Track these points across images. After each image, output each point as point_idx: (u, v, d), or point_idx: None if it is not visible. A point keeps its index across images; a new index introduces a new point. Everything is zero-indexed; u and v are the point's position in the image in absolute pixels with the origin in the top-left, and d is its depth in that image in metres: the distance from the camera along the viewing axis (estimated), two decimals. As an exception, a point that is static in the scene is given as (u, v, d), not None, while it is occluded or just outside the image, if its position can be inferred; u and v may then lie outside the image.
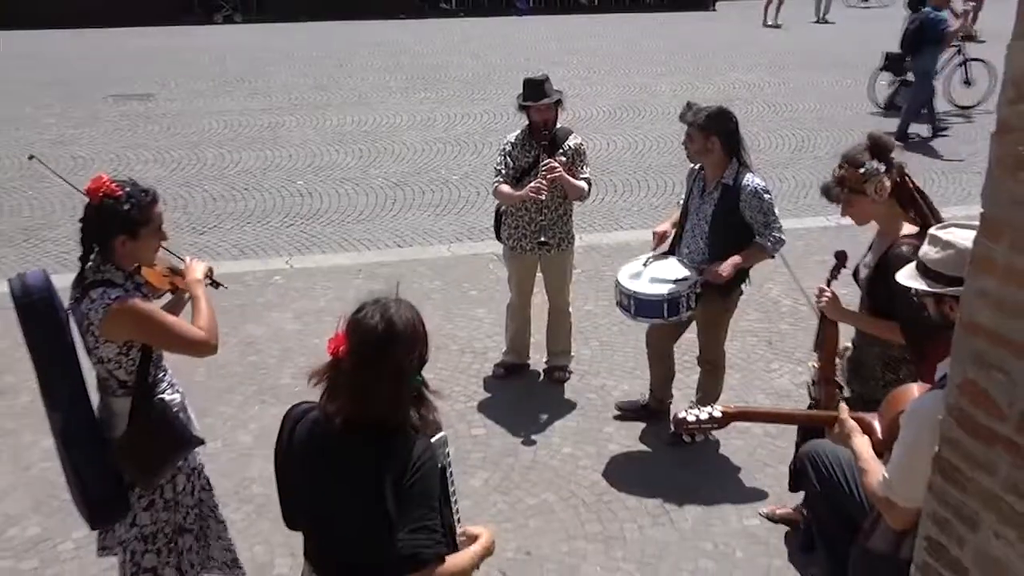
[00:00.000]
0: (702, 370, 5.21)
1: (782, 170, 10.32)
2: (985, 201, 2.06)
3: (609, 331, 6.41)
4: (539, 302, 5.88)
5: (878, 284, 3.75)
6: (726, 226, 4.76)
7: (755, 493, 4.73)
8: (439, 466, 2.47)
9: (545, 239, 5.41)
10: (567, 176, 5.26)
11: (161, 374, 3.35)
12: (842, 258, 4.08)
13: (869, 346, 3.92)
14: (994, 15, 12.78)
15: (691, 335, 5.21)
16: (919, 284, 2.90)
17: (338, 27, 21.39)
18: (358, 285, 6.97)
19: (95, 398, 3.29)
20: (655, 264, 4.96)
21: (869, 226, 3.95)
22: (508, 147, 5.44)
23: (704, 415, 3.30)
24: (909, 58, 12.03)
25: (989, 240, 2.05)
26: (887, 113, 12.64)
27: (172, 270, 3.55)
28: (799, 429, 4.28)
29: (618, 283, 4.89)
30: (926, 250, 2.92)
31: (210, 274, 3.61)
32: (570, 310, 5.83)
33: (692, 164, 5.04)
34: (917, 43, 11.69)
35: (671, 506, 4.63)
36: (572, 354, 5.94)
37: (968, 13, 12.71)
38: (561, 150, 5.36)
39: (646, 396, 5.42)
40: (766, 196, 4.73)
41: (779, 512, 4.54)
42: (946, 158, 11.06)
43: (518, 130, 5.51)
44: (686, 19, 23.84)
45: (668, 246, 5.12)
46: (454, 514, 2.59)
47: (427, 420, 2.44)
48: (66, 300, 3.23)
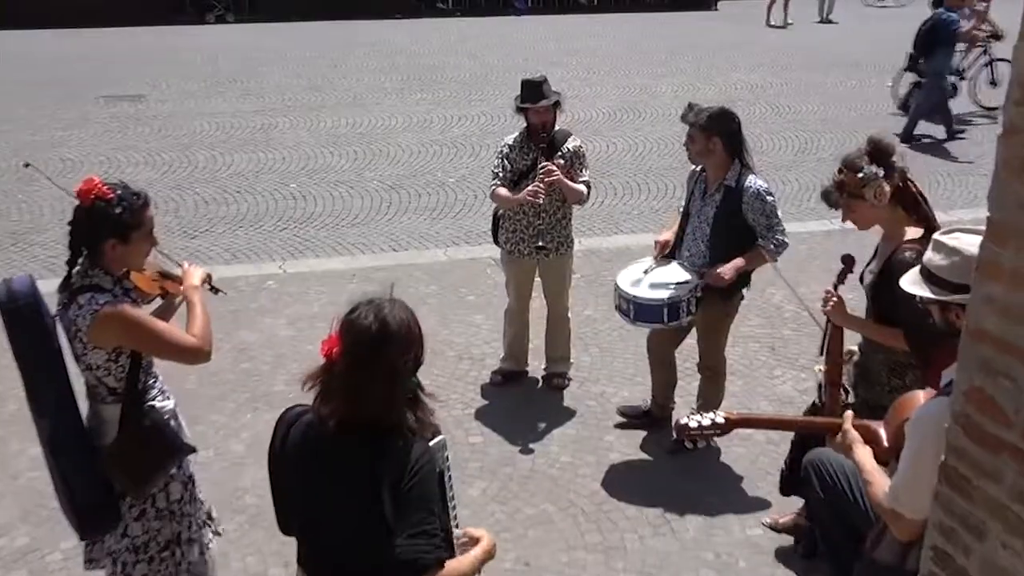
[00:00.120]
0: (703, 377, 5.22)
1: (785, 172, 10.33)
2: (991, 205, 2.05)
3: (609, 337, 6.41)
4: (538, 307, 5.88)
5: (882, 289, 3.75)
6: (728, 229, 4.77)
7: (758, 502, 4.73)
8: (437, 470, 2.48)
9: (543, 244, 5.41)
10: (565, 179, 5.26)
11: (152, 380, 3.35)
12: (849, 262, 4.08)
13: (875, 352, 3.93)
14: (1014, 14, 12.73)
15: (692, 340, 5.21)
16: (923, 291, 2.88)
17: (332, 27, 21.38)
18: (352, 290, 6.97)
19: (84, 405, 3.29)
20: (655, 268, 4.97)
21: (875, 229, 3.95)
22: (506, 150, 5.44)
23: (706, 421, 3.31)
24: (921, 59, 11.93)
25: (995, 245, 2.05)
26: (905, 114, 12.46)
27: (162, 274, 3.54)
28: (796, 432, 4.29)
29: (617, 287, 4.90)
30: (931, 256, 2.89)
31: (209, 280, 3.60)
32: (569, 316, 5.83)
33: (693, 166, 5.05)
34: (930, 43, 11.66)
35: (672, 515, 4.63)
36: (571, 360, 5.93)
37: (982, 13, 12.62)
38: (560, 152, 5.36)
39: (648, 402, 5.43)
40: (769, 198, 4.74)
41: (782, 521, 4.54)
42: (953, 160, 11.07)
43: (516, 132, 5.52)
44: (687, 19, 23.87)
45: (670, 250, 5.11)
46: (452, 519, 2.60)
47: (424, 422, 2.45)
48: (53, 305, 3.23)
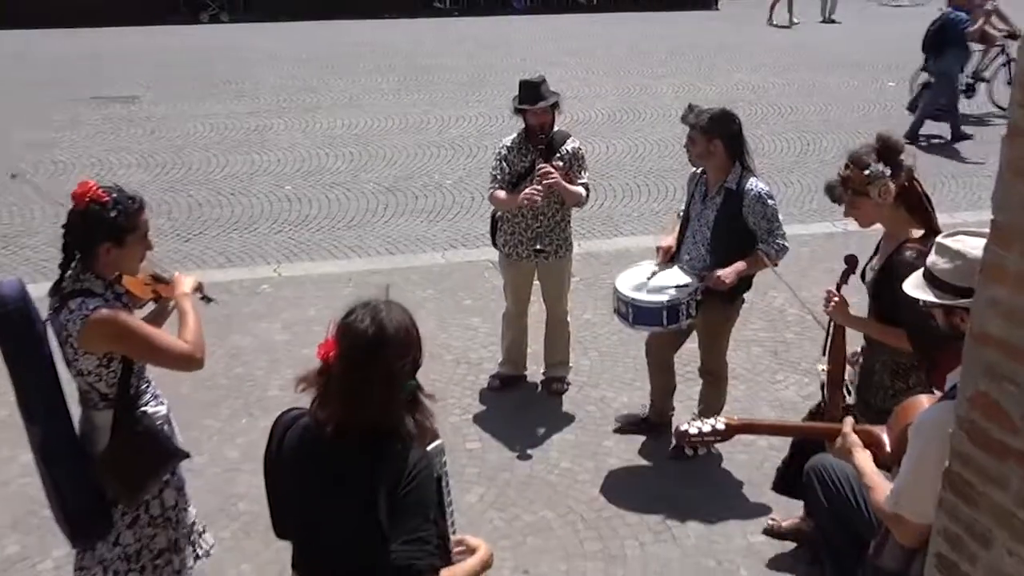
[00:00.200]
0: (704, 381, 5.21)
1: (787, 174, 10.34)
2: (995, 207, 2.06)
3: (609, 341, 6.41)
4: (536, 311, 5.88)
5: (883, 288, 3.76)
6: (729, 232, 4.77)
7: (760, 508, 4.72)
8: (435, 475, 2.48)
9: (541, 247, 5.41)
10: (563, 182, 5.26)
11: (144, 385, 3.34)
12: (852, 263, 4.08)
13: (877, 354, 3.92)
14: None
15: (692, 345, 5.21)
16: (927, 295, 2.87)
17: (328, 27, 21.41)
18: (348, 294, 6.96)
19: (76, 411, 3.28)
20: (654, 271, 4.97)
21: (879, 232, 3.96)
22: (504, 151, 5.44)
23: (707, 427, 3.30)
24: (930, 59, 11.89)
25: (1000, 247, 2.05)
26: (913, 114, 12.42)
27: (155, 278, 3.54)
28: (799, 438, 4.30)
29: (616, 290, 4.89)
30: (934, 260, 2.88)
31: (200, 289, 3.60)
32: (568, 319, 5.83)
33: (694, 168, 5.05)
34: (938, 44, 11.63)
35: (673, 522, 4.62)
36: (570, 365, 5.93)
37: (990, 12, 12.58)
38: (558, 154, 5.36)
39: (646, 408, 5.42)
40: (770, 202, 4.74)
41: (785, 524, 4.53)
42: (960, 161, 11.07)
43: (514, 133, 5.52)
44: (688, 18, 23.92)
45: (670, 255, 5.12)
46: (450, 525, 2.60)
47: (423, 427, 2.45)
48: (44, 310, 3.22)
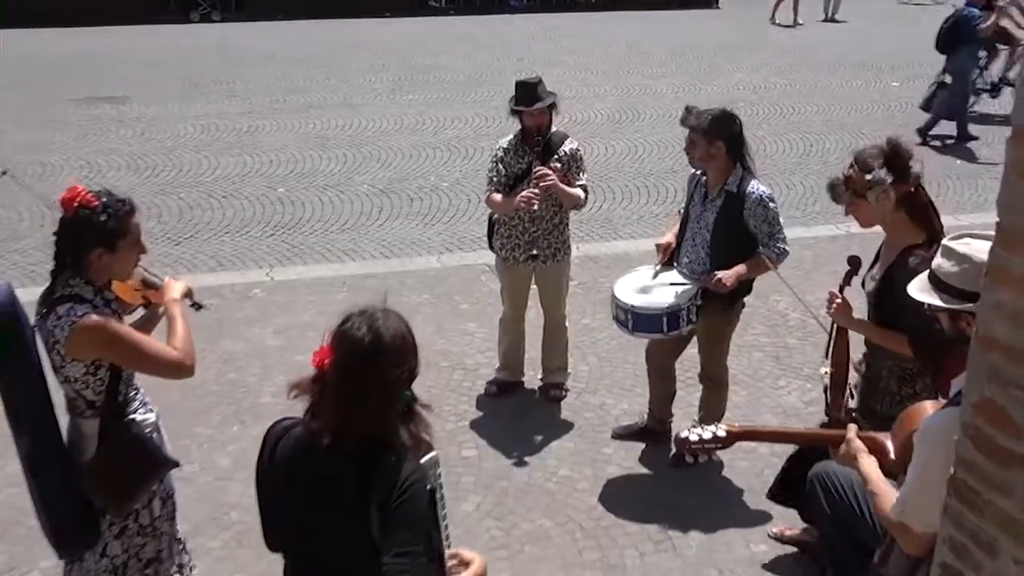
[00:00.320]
0: (705, 387, 5.22)
1: (789, 176, 10.35)
2: (1001, 209, 2.06)
3: (608, 346, 6.41)
4: (534, 316, 5.88)
5: (885, 296, 3.77)
6: (729, 235, 4.77)
7: (762, 517, 4.72)
8: (428, 488, 2.48)
9: (536, 252, 5.40)
10: (561, 184, 5.26)
11: (133, 392, 3.34)
12: (855, 264, 4.09)
13: (882, 360, 3.93)
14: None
15: (692, 350, 5.21)
16: (932, 299, 2.89)
17: (321, 26, 21.41)
18: (342, 299, 6.97)
19: (64, 419, 3.28)
20: (653, 276, 4.97)
21: (882, 235, 3.97)
22: (500, 153, 5.44)
23: (707, 434, 3.31)
24: (945, 58, 11.81)
25: (1005, 250, 2.05)
26: (927, 113, 12.38)
27: (145, 283, 3.54)
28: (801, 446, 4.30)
29: (615, 297, 4.88)
30: (940, 263, 2.90)
31: (190, 295, 3.60)
32: (567, 324, 5.83)
33: (694, 169, 5.06)
34: (952, 42, 11.60)
35: (674, 531, 4.62)
36: (569, 371, 5.93)
37: (1003, 8, 12.55)
38: (556, 156, 5.36)
39: (644, 417, 5.41)
40: (771, 205, 4.75)
41: (788, 533, 4.53)
42: (966, 161, 11.08)
43: (511, 135, 5.51)
44: (688, 17, 23.93)
45: (669, 256, 5.11)
46: (444, 539, 2.59)
47: (418, 439, 2.45)
48: (33, 315, 3.22)
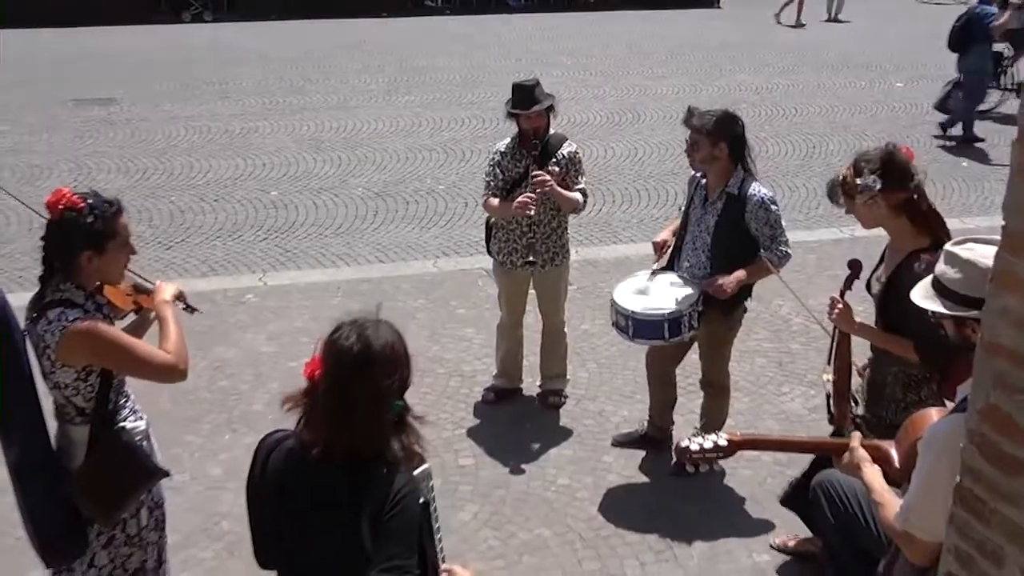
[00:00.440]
0: (706, 394, 5.22)
1: (792, 178, 10.37)
2: (1006, 212, 2.06)
3: (607, 352, 6.41)
4: (532, 321, 5.88)
5: (890, 300, 3.77)
6: (730, 238, 4.77)
7: (764, 526, 4.73)
8: (421, 501, 2.47)
9: (533, 258, 5.39)
10: (559, 188, 5.25)
11: (123, 400, 3.34)
12: (856, 268, 4.09)
13: (886, 366, 3.92)
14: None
15: (693, 356, 5.21)
16: (936, 306, 2.88)
17: (315, 26, 21.43)
18: (337, 304, 6.97)
19: (53, 426, 3.28)
20: (653, 281, 4.97)
21: (886, 238, 3.97)
22: (497, 157, 5.44)
23: (709, 443, 3.30)
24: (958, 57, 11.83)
25: (1011, 255, 2.05)
26: (942, 113, 12.37)
27: (136, 288, 3.54)
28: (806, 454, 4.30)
29: (614, 303, 4.88)
30: (943, 269, 2.89)
31: (181, 297, 3.60)
32: (565, 330, 5.82)
33: (694, 171, 5.06)
34: (965, 40, 11.60)
35: (675, 541, 4.62)
36: (568, 377, 5.93)
37: (1016, 5, 12.52)
38: (554, 159, 5.36)
39: (644, 424, 5.41)
40: (773, 207, 4.75)
41: (792, 544, 4.53)
42: (975, 163, 11.09)
43: (508, 138, 5.51)
44: (689, 16, 23.96)
45: (668, 258, 5.10)
46: (438, 552, 2.59)
47: (410, 451, 2.45)
48: (23, 320, 3.22)
